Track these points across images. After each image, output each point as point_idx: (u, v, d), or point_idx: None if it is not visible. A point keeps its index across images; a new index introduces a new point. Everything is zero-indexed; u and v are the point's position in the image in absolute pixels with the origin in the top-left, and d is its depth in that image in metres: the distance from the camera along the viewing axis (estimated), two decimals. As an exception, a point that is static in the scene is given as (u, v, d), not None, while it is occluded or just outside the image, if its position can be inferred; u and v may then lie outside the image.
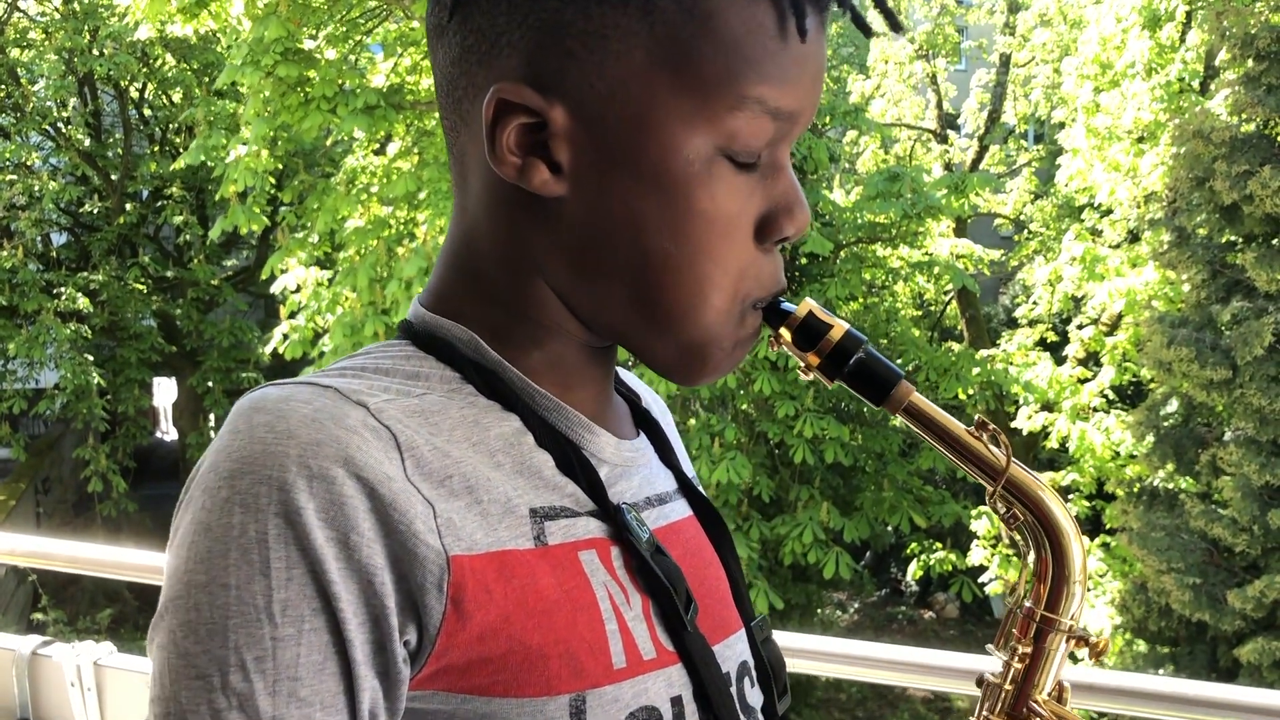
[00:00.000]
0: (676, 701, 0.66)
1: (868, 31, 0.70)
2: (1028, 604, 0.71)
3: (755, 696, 0.76)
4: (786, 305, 0.71)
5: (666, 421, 0.86)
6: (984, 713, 0.72)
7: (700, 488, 0.82)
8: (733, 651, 0.75)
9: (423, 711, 0.60)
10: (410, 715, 0.61)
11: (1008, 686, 0.71)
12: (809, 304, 0.71)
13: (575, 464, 0.68)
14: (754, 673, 0.76)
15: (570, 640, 0.62)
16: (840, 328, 0.71)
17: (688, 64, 0.62)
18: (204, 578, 0.56)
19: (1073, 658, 0.72)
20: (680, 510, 0.78)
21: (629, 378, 0.85)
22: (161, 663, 0.57)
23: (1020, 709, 0.71)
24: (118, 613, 11.81)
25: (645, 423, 0.81)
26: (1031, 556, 0.71)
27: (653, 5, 0.62)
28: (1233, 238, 7.80)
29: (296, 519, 0.56)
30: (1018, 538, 0.71)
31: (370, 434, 0.59)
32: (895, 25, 0.69)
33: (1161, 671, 8.18)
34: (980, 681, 0.73)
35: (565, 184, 0.65)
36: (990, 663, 1.65)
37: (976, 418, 0.71)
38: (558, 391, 0.70)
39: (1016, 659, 0.71)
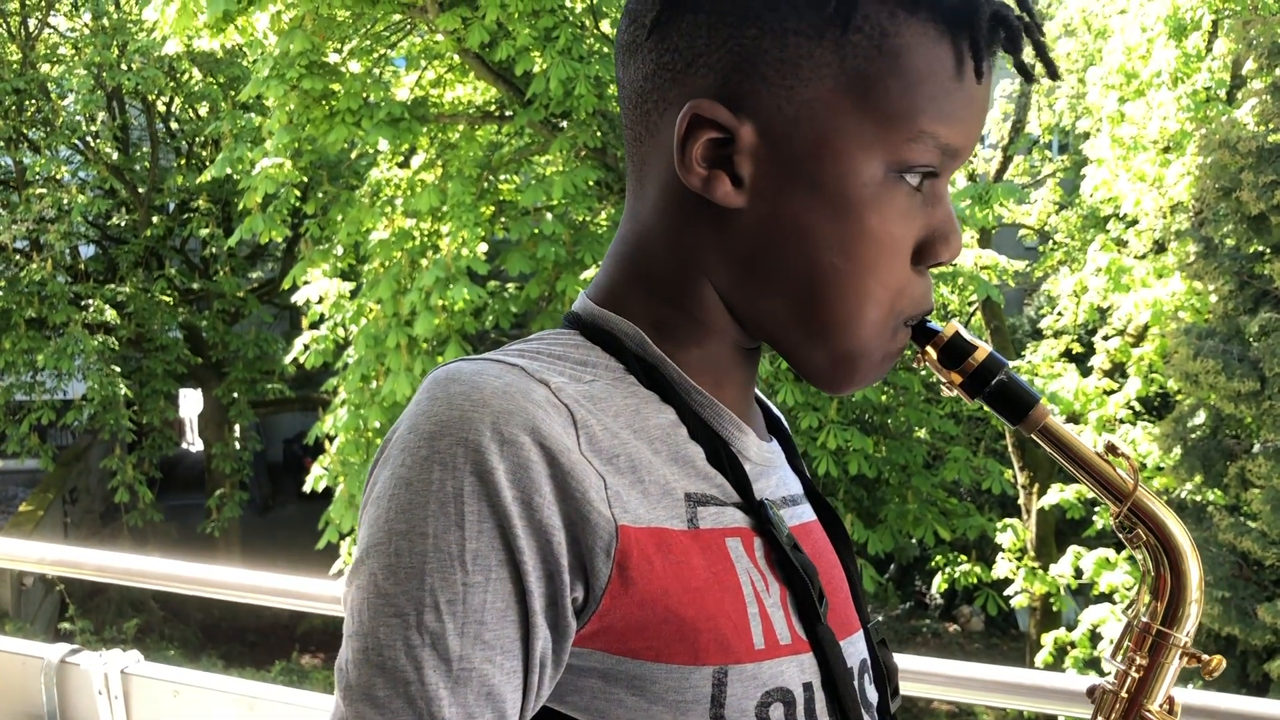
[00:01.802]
0: (807, 687, 0.70)
1: (1029, 77, 0.73)
2: (1144, 619, 0.75)
3: (872, 693, 0.80)
4: (933, 325, 0.76)
5: (787, 429, 0.90)
6: (1099, 719, 0.76)
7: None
8: (855, 649, 0.79)
9: (580, 668, 0.66)
10: (569, 670, 0.66)
11: (1123, 695, 0.75)
12: (954, 326, 0.75)
13: (724, 459, 0.72)
14: (871, 671, 0.81)
15: (718, 618, 0.66)
16: (983, 350, 0.75)
17: (873, 96, 0.67)
18: (404, 526, 0.62)
19: (1188, 673, 0.75)
20: (808, 513, 0.82)
21: None
22: (360, 602, 0.62)
23: (1132, 717, 0.75)
24: (144, 622, 11.88)
25: (775, 429, 0.86)
26: (1150, 574, 0.75)
27: (845, 40, 0.67)
28: (1260, 248, 7.71)
29: (489, 478, 0.61)
30: (1138, 556, 0.76)
31: (552, 409, 0.65)
32: (1053, 73, 0.72)
33: (1191, 686, 8.08)
34: (1092, 692, 0.77)
35: (745, 196, 0.70)
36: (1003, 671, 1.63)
37: (1106, 441, 0.75)
38: (710, 388, 0.75)
39: (1133, 669, 0.75)
